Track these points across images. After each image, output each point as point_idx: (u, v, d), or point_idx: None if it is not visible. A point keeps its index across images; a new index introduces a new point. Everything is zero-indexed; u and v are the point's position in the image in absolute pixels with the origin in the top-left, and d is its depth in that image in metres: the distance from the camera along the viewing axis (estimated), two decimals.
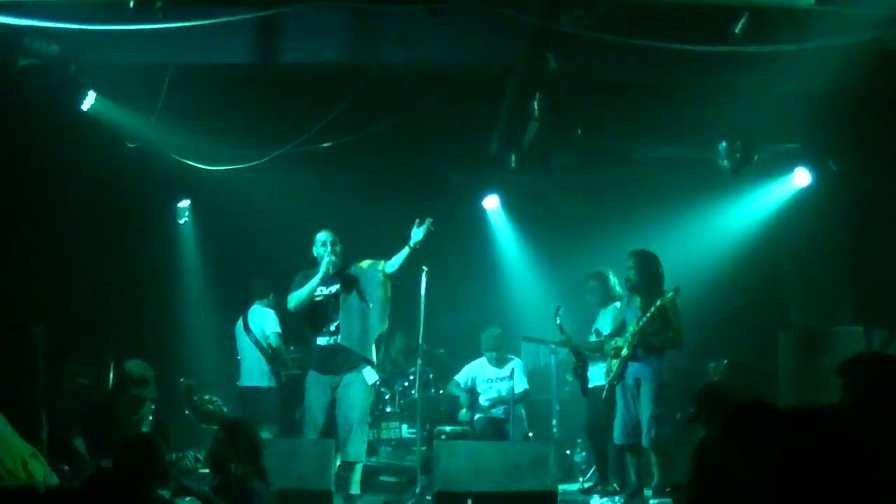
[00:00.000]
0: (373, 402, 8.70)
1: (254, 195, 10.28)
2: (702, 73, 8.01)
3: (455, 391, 10.40)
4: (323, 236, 8.15)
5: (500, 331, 10.42)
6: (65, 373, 8.85)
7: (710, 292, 10.28)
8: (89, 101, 8.17)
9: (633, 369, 8.44)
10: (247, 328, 10.26)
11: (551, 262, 11.35)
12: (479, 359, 10.51)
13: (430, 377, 10.46)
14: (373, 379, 8.02)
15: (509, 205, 11.62)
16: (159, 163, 9.53)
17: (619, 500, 8.39)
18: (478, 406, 10.32)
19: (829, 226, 10.32)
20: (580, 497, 8.96)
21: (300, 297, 8.07)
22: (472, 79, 8.72)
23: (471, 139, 10.11)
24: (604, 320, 9.13)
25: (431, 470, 7.54)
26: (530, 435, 10.12)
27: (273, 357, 10.14)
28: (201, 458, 7.38)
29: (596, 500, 8.54)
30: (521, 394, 10.16)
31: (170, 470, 5.37)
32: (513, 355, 10.42)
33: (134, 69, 8.19)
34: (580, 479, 9.79)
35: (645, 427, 8.30)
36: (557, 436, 9.90)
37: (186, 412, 9.80)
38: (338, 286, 8.08)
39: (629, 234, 9.85)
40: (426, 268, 8.34)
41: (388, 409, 10.33)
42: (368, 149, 9.46)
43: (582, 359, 9.29)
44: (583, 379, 9.28)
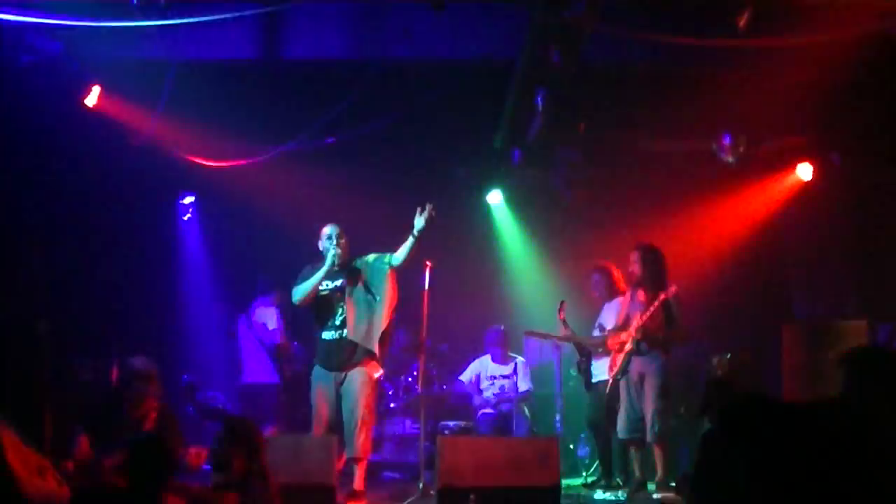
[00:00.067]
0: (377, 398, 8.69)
1: (258, 191, 10.28)
2: (706, 66, 8.02)
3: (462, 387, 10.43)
4: (328, 230, 8.12)
5: (504, 328, 10.43)
6: (68, 369, 8.85)
7: (715, 286, 10.28)
8: (93, 98, 8.17)
9: (637, 364, 8.44)
10: (250, 324, 10.27)
11: (555, 256, 11.34)
12: (482, 356, 10.51)
13: (433, 373, 10.47)
14: (377, 374, 8.01)
15: (513, 199, 11.61)
16: (163, 159, 9.54)
17: (622, 495, 8.38)
18: (480, 402, 10.33)
19: (832, 219, 10.31)
20: (584, 492, 8.94)
21: (305, 290, 8.06)
22: (476, 73, 8.71)
23: (475, 134, 10.10)
24: (607, 315, 9.12)
25: (435, 466, 7.53)
26: (535, 431, 10.13)
27: (276, 353, 10.15)
28: (204, 456, 7.37)
29: (599, 495, 8.52)
30: (523, 393, 10.17)
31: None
32: (517, 354, 10.42)
33: (138, 65, 8.19)
34: (584, 474, 9.79)
35: (649, 421, 8.30)
36: (561, 431, 9.89)
37: (189, 409, 9.82)
38: (343, 280, 8.06)
39: (633, 228, 9.86)
40: (429, 263, 8.34)
41: (391, 405, 10.34)
42: (373, 144, 9.46)
43: (585, 353, 9.29)
44: (586, 373, 9.28)
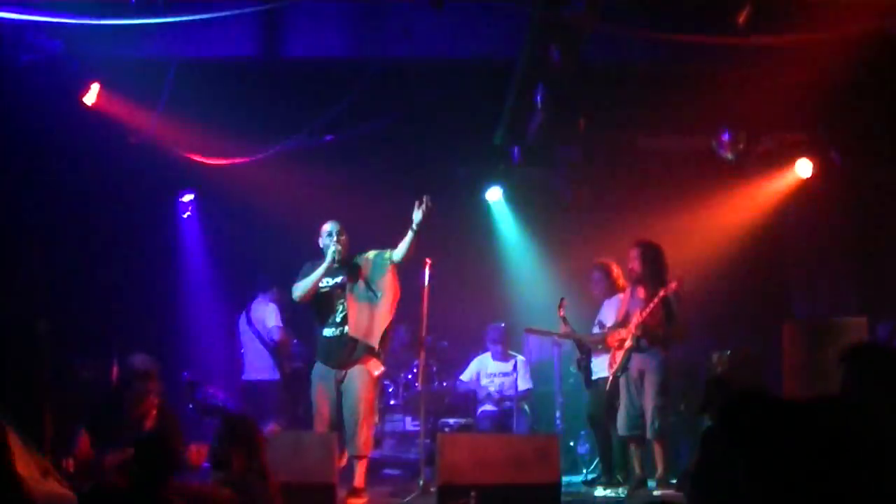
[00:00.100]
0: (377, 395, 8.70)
1: (258, 189, 10.27)
2: (706, 65, 8.01)
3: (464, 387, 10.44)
4: (328, 227, 8.12)
5: (505, 325, 10.44)
6: (69, 367, 8.85)
7: (715, 283, 10.29)
8: (92, 96, 8.17)
9: (637, 360, 8.45)
10: (249, 322, 10.28)
11: (555, 253, 11.34)
12: (482, 354, 10.52)
13: (433, 370, 10.47)
14: (377, 371, 8.02)
15: (513, 197, 11.61)
16: (163, 157, 9.54)
17: (622, 492, 8.39)
18: (484, 396, 10.34)
19: (832, 217, 10.31)
20: (584, 489, 8.95)
21: (305, 287, 8.06)
22: (476, 72, 8.71)
23: (475, 132, 10.10)
24: (607, 312, 9.12)
25: (435, 463, 7.54)
26: (535, 428, 10.14)
27: (275, 350, 10.16)
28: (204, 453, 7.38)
29: (599, 492, 8.54)
30: (523, 392, 10.17)
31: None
32: (517, 353, 10.42)
33: (137, 64, 8.19)
34: (584, 471, 9.81)
35: (649, 418, 8.31)
36: (561, 428, 9.90)
37: (190, 406, 9.83)
38: (343, 277, 8.06)
39: (633, 225, 9.86)
40: (429, 260, 8.34)
41: (391, 402, 10.35)
42: (372, 142, 9.46)
43: (585, 351, 9.29)
44: (586, 371, 9.28)
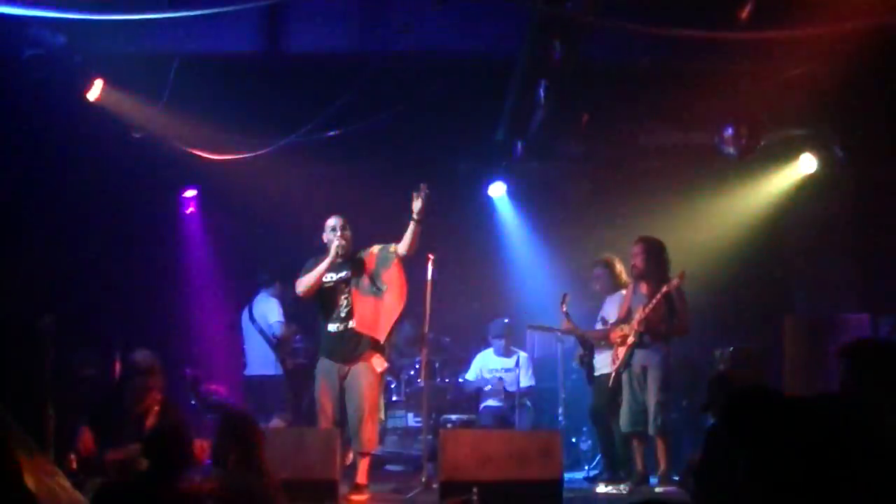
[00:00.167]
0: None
1: (260, 184, 10.27)
2: (708, 59, 8.00)
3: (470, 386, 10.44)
4: (332, 221, 8.12)
5: (508, 321, 10.44)
6: (71, 363, 8.86)
7: (717, 279, 10.29)
8: (95, 91, 8.16)
9: (640, 356, 8.46)
10: (251, 317, 10.29)
11: (558, 249, 11.33)
12: (485, 350, 10.51)
13: (436, 366, 10.47)
14: (381, 367, 8.01)
15: (515, 192, 11.61)
16: (165, 152, 9.54)
17: (624, 488, 8.39)
18: (483, 395, 10.34)
19: (834, 212, 10.30)
20: (586, 485, 8.96)
21: (308, 281, 8.05)
22: (478, 67, 8.70)
23: (477, 127, 10.10)
24: (610, 308, 9.12)
25: (437, 459, 7.54)
26: (537, 424, 10.13)
27: (278, 346, 10.17)
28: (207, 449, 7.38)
29: (602, 488, 8.53)
30: (526, 388, 10.17)
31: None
32: (520, 349, 10.42)
33: (140, 59, 8.19)
34: (586, 468, 9.81)
35: (651, 414, 8.31)
36: (563, 424, 9.91)
37: (192, 402, 9.84)
38: (348, 271, 8.05)
39: (635, 221, 9.86)
40: (432, 255, 8.34)
41: (393, 398, 10.35)
42: (375, 137, 9.46)
43: (588, 347, 9.29)
44: (589, 367, 9.28)
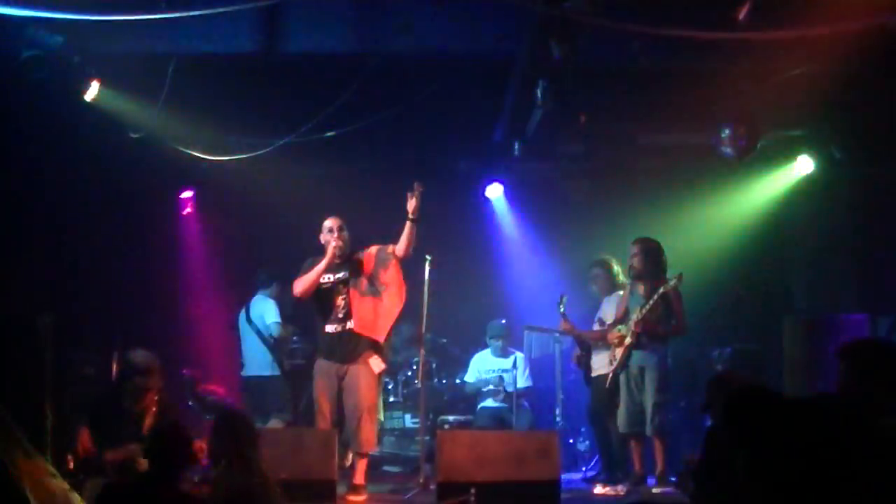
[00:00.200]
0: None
1: (258, 185, 10.27)
2: (705, 59, 7.99)
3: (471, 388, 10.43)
4: (329, 223, 8.13)
5: (505, 321, 10.44)
6: (70, 363, 8.85)
7: (715, 279, 10.29)
8: (93, 92, 8.15)
9: (637, 357, 8.46)
10: (249, 318, 10.28)
11: (555, 249, 11.34)
12: (482, 351, 10.51)
13: (433, 366, 10.48)
14: (379, 368, 8.01)
15: (514, 193, 11.61)
16: (163, 153, 9.54)
17: (622, 489, 8.39)
18: (480, 396, 10.33)
19: (833, 213, 10.31)
20: (584, 486, 8.95)
21: (305, 283, 8.06)
22: (477, 67, 8.70)
23: (475, 127, 10.11)
24: (607, 308, 9.12)
25: (435, 460, 7.54)
26: (535, 425, 10.13)
27: (275, 346, 10.17)
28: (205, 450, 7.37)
29: (599, 489, 8.53)
30: (523, 389, 10.17)
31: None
32: (517, 349, 10.42)
33: (138, 59, 8.18)
34: (583, 468, 9.81)
35: (649, 415, 8.31)
36: (561, 425, 9.91)
37: (190, 403, 9.83)
38: (346, 272, 8.07)
39: (633, 222, 9.86)
40: (430, 256, 8.34)
41: (391, 399, 10.35)
42: (373, 137, 9.46)
43: (585, 347, 9.30)
44: (586, 367, 9.29)
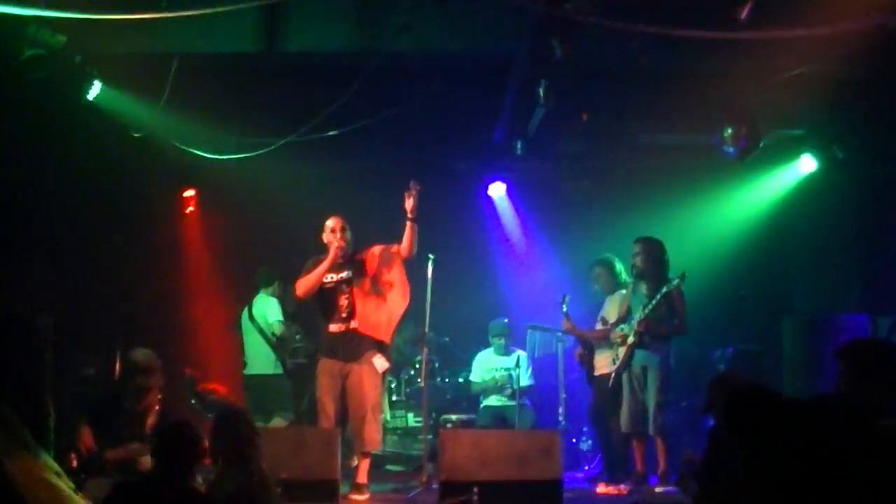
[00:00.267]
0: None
1: (260, 184, 10.28)
2: (707, 59, 7.98)
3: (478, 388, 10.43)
4: (331, 222, 8.13)
5: (508, 320, 10.43)
6: (71, 363, 8.86)
7: (716, 279, 10.29)
8: (95, 91, 8.16)
9: (640, 357, 8.46)
10: (251, 317, 10.29)
11: (557, 249, 11.35)
12: (485, 350, 10.50)
13: (435, 365, 10.48)
14: (383, 367, 8.01)
15: (514, 192, 11.61)
16: (165, 152, 9.54)
17: (624, 488, 8.39)
18: (482, 394, 10.33)
19: (834, 212, 10.31)
20: (586, 485, 8.95)
21: (308, 282, 8.06)
22: (477, 66, 8.71)
23: (476, 126, 10.11)
24: (610, 308, 9.11)
25: (437, 458, 7.55)
26: (537, 424, 10.13)
27: (277, 345, 10.17)
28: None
29: (601, 489, 8.53)
30: (525, 388, 10.16)
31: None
32: (519, 348, 10.42)
33: (139, 59, 8.19)
34: (585, 468, 9.81)
35: (651, 415, 8.31)
36: (563, 424, 9.91)
37: (192, 402, 9.84)
38: (349, 272, 8.07)
39: (634, 221, 9.86)
40: (432, 255, 8.35)
41: (394, 398, 10.35)
42: (374, 137, 9.45)
43: (588, 347, 9.30)
44: (588, 367, 9.29)
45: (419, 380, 9.83)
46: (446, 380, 10.64)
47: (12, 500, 4.35)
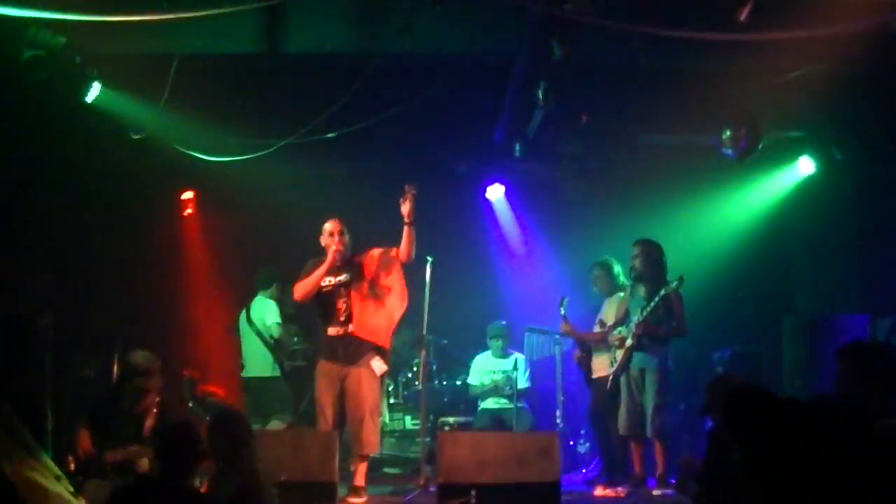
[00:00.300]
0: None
1: (259, 185, 10.28)
2: (706, 60, 7.99)
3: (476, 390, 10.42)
4: (329, 226, 8.10)
5: (506, 323, 10.43)
6: (70, 364, 8.85)
7: (716, 280, 10.29)
8: (94, 93, 8.16)
9: (638, 359, 8.44)
10: (249, 319, 10.28)
11: (556, 251, 11.34)
12: (483, 352, 10.49)
13: (433, 368, 10.47)
14: (381, 370, 8.00)
15: (514, 193, 11.60)
16: (164, 153, 9.54)
17: (622, 491, 8.38)
18: (480, 397, 10.32)
19: (834, 214, 10.31)
20: (584, 487, 8.94)
21: (306, 286, 8.04)
22: (477, 67, 8.71)
23: (475, 127, 10.10)
24: (608, 310, 9.11)
25: (435, 461, 7.54)
26: (535, 426, 10.12)
27: (275, 347, 10.17)
28: None
29: (599, 491, 8.52)
30: (523, 390, 10.16)
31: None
32: (517, 351, 10.41)
33: (139, 60, 8.18)
34: (583, 470, 9.80)
35: (649, 417, 8.30)
36: (561, 426, 9.90)
37: (191, 405, 9.83)
38: (347, 275, 8.05)
39: (634, 222, 9.85)
40: (431, 258, 8.35)
41: (391, 401, 10.35)
42: (373, 138, 9.45)
43: (586, 349, 9.29)
44: (587, 369, 9.28)
45: (417, 382, 9.82)
46: (444, 382, 10.64)
47: (12, 501, 4.35)
